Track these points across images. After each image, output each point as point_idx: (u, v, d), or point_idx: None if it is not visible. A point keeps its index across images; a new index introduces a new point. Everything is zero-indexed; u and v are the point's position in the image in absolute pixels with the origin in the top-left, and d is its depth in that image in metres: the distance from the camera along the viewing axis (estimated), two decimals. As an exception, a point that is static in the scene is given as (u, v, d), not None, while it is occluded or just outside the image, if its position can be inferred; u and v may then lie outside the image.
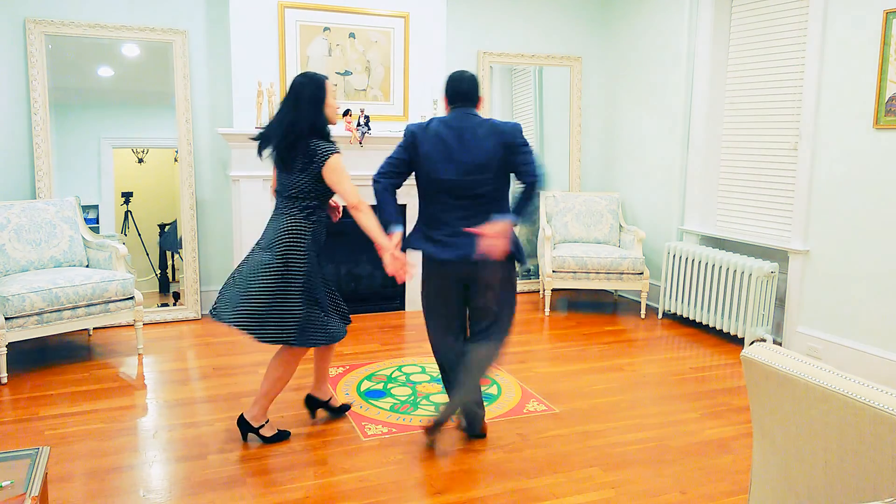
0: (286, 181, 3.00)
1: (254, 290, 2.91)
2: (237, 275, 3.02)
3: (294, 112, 2.92)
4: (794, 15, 4.52)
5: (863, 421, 1.53)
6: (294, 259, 2.96)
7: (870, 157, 3.98)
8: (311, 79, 2.97)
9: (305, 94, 2.92)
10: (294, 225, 2.98)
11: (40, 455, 2.09)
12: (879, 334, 3.97)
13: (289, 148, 2.92)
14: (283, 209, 3.01)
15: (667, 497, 2.76)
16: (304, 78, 2.98)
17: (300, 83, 2.95)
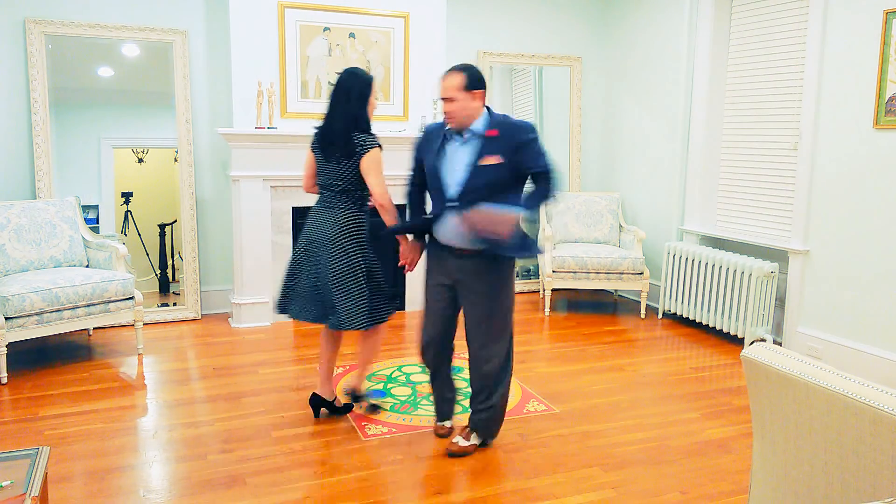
0: (334, 174, 3.15)
1: (355, 290, 3.13)
2: (316, 280, 3.18)
3: (346, 106, 3.09)
4: (794, 15, 4.52)
5: (863, 421, 1.53)
6: (365, 248, 3.19)
7: (870, 157, 3.98)
8: (361, 77, 3.13)
9: (356, 90, 3.09)
10: (353, 217, 3.17)
11: (40, 455, 2.09)
12: (879, 334, 3.97)
13: (343, 141, 3.09)
14: (334, 203, 3.17)
15: (667, 497, 2.76)
16: (354, 77, 3.12)
17: (350, 80, 3.11)
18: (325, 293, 3.16)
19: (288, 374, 4.03)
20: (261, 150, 4.87)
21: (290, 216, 5.06)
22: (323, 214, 3.17)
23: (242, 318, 4.98)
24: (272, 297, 5.07)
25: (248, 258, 4.95)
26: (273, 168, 4.92)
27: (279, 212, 5.02)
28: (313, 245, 3.17)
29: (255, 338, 4.74)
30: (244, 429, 3.29)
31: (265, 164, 4.90)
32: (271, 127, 4.84)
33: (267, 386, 3.85)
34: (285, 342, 4.66)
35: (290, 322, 5.11)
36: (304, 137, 4.92)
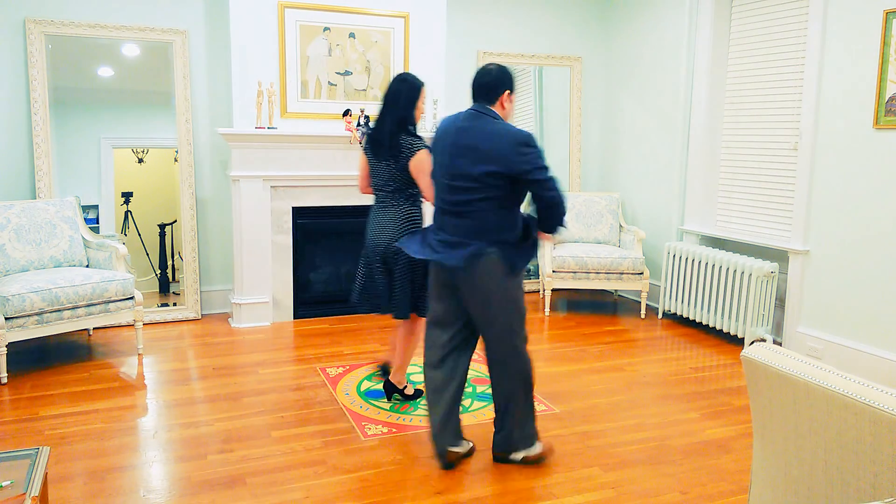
0: (385, 175, 3.37)
1: (418, 280, 3.36)
2: (385, 275, 3.41)
3: (394, 110, 3.28)
4: (794, 15, 4.52)
5: (863, 421, 1.53)
6: None
7: (870, 157, 3.98)
8: (410, 83, 3.31)
9: (404, 95, 3.28)
10: (410, 213, 3.40)
11: (40, 455, 2.09)
12: (879, 334, 3.97)
13: (391, 144, 3.28)
14: (390, 202, 3.40)
15: (667, 497, 2.76)
16: (404, 83, 3.30)
17: (400, 86, 3.30)
18: (388, 286, 3.42)
19: (288, 374, 4.03)
20: (261, 150, 4.87)
21: (290, 216, 5.06)
22: (379, 214, 3.44)
23: (242, 318, 4.98)
24: (271, 297, 5.08)
25: (248, 258, 4.95)
26: (273, 168, 4.92)
27: (279, 212, 5.02)
28: (374, 245, 3.42)
29: (255, 338, 4.74)
30: (244, 429, 3.29)
31: (265, 164, 4.90)
32: (271, 127, 4.84)
33: (267, 386, 3.85)
34: (285, 342, 4.67)
35: (291, 322, 5.11)
36: (304, 137, 4.94)
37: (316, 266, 5.30)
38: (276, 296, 5.09)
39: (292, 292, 5.14)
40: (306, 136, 4.94)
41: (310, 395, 3.71)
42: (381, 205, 3.45)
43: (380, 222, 3.43)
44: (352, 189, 5.18)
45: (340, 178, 5.10)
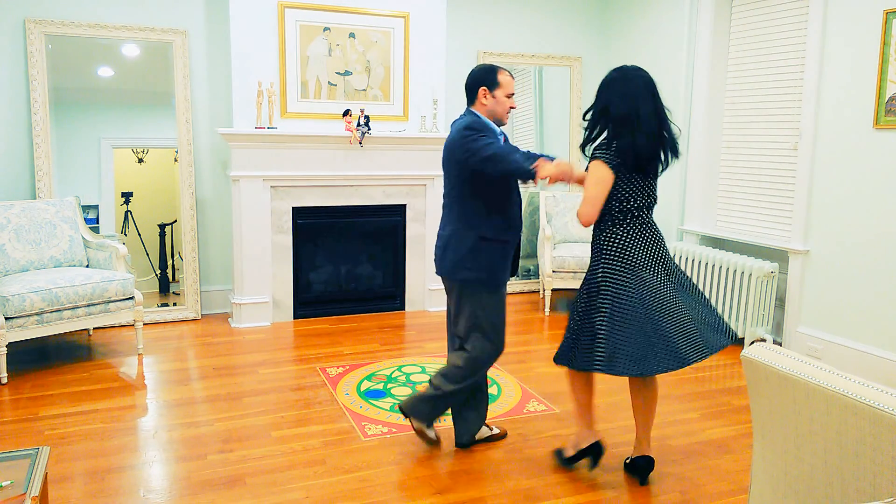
0: (652, 190, 3.07)
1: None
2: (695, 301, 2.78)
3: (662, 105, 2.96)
4: (794, 15, 4.52)
5: (863, 421, 1.53)
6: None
7: (870, 157, 3.98)
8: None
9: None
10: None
11: (40, 455, 2.09)
12: (879, 334, 3.97)
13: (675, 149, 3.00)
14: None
15: (667, 497, 2.76)
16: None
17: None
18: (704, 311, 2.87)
19: (288, 374, 4.03)
20: (261, 150, 4.87)
21: (290, 216, 5.06)
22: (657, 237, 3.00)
23: (242, 318, 4.98)
24: (271, 297, 5.08)
25: (248, 258, 4.95)
26: (273, 168, 4.92)
27: (279, 212, 5.02)
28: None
29: (255, 338, 4.74)
30: (244, 429, 3.29)
31: (265, 164, 4.90)
32: (271, 127, 4.84)
33: (267, 386, 3.85)
34: (285, 342, 4.67)
35: (291, 322, 5.12)
36: (304, 137, 4.94)
37: (316, 266, 5.30)
38: (276, 296, 5.09)
39: (292, 292, 5.14)
40: (306, 136, 4.94)
41: (310, 395, 3.71)
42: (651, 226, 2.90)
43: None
44: (352, 189, 5.19)
45: (340, 178, 5.10)
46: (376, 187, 5.25)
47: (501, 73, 2.96)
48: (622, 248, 2.75)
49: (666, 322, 2.62)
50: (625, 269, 2.70)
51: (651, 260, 2.74)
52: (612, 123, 2.76)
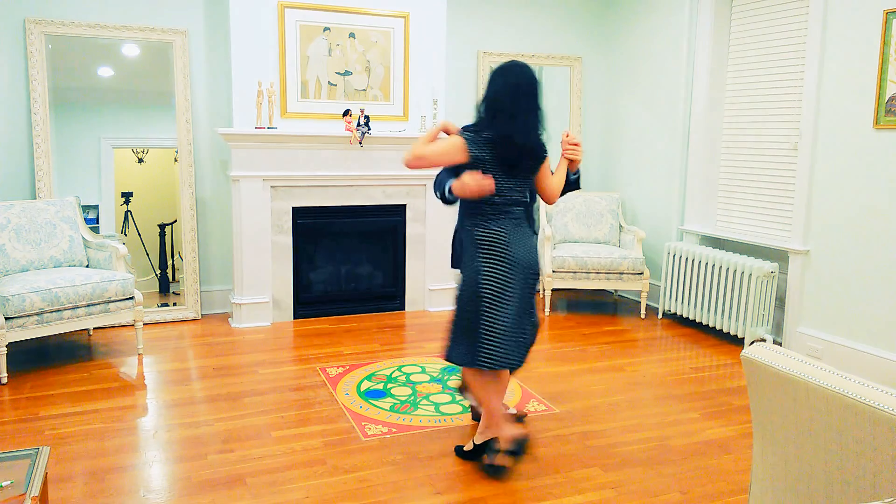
0: (524, 188, 2.98)
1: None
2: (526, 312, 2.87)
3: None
4: (794, 15, 4.52)
5: (863, 421, 1.53)
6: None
7: (870, 157, 3.98)
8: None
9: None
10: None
11: (40, 455, 2.09)
12: (879, 334, 3.97)
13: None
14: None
15: (667, 497, 2.76)
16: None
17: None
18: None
19: (288, 374, 4.03)
20: (261, 150, 4.87)
21: (290, 216, 5.06)
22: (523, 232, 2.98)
23: (242, 318, 4.98)
24: (271, 297, 5.08)
25: (248, 258, 4.95)
26: (273, 168, 4.92)
27: (279, 212, 5.02)
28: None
29: (255, 338, 4.74)
30: (244, 429, 3.29)
31: (265, 164, 4.90)
32: (271, 127, 4.84)
33: (267, 386, 3.85)
34: (285, 342, 4.67)
35: (291, 322, 5.12)
36: (304, 137, 4.94)
37: (316, 266, 5.30)
38: (276, 296, 5.09)
39: (292, 292, 5.14)
40: (306, 136, 4.94)
41: (310, 395, 3.71)
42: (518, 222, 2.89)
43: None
44: (352, 189, 5.19)
45: (340, 178, 5.10)
46: (376, 187, 5.25)
47: None
48: (502, 244, 2.78)
49: (516, 318, 2.80)
50: (511, 267, 2.77)
51: (523, 261, 2.80)
52: (487, 113, 2.77)
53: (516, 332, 2.80)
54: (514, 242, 2.78)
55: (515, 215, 2.82)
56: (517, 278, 2.78)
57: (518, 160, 2.76)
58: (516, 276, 2.77)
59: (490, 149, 2.72)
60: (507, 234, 2.78)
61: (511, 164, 2.75)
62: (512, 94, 2.72)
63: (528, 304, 2.86)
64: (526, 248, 2.82)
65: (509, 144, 2.72)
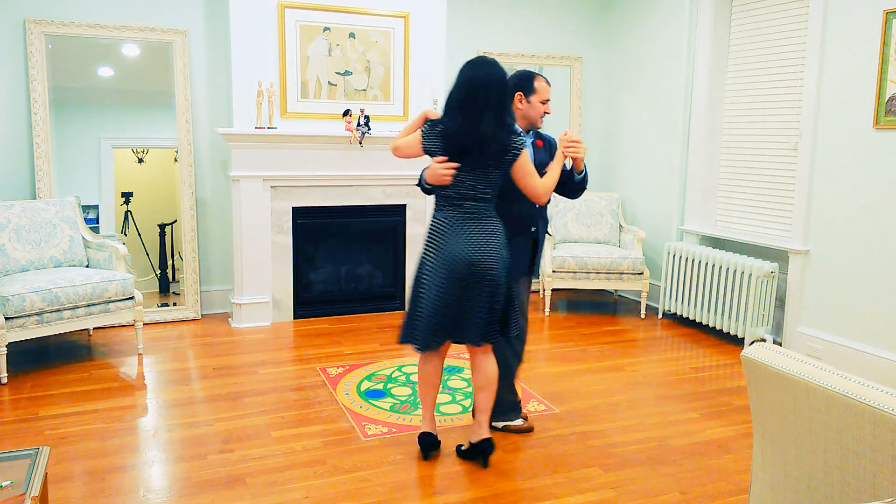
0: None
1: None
2: (473, 300, 2.81)
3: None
4: (794, 15, 4.52)
5: (863, 421, 1.53)
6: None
7: (870, 157, 3.98)
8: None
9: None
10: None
11: (40, 455, 2.09)
12: (879, 334, 3.97)
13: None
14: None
15: (667, 497, 2.76)
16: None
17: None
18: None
19: (288, 374, 4.03)
20: (261, 150, 4.87)
21: (290, 216, 5.06)
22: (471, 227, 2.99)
23: (242, 318, 4.98)
24: (271, 297, 5.08)
25: (248, 258, 4.95)
26: (273, 168, 4.92)
27: (279, 212, 5.02)
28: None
29: (255, 338, 4.74)
30: (244, 429, 3.29)
31: (265, 164, 4.90)
32: (271, 127, 4.84)
33: (267, 386, 3.85)
34: (285, 342, 4.67)
35: (291, 322, 5.12)
36: (304, 137, 4.94)
37: (316, 266, 5.30)
38: (276, 296, 5.09)
39: (292, 292, 5.14)
40: (306, 136, 4.94)
41: (310, 395, 3.71)
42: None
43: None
44: (352, 189, 5.19)
45: (340, 178, 5.10)
46: (376, 187, 5.25)
47: (538, 80, 3.07)
48: (438, 233, 2.83)
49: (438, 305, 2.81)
50: (438, 256, 2.81)
51: (452, 253, 2.79)
52: (444, 107, 2.84)
53: (435, 321, 2.82)
54: (452, 235, 2.79)
55: (467, 209, 2.81)
56: (445, 270, 2.78)
57: (464, 155, 2.75)
58: (445, 268, 2.78)
59: (441, 142, 2.78)
60: (447, 226, 2.81)
61: (459, 158, 2.76)
62: (464, 90, 2.75)
63: (463, 301, 2.79)
64: (468, 244, 2.77)
65: (455, 138, 2.75)
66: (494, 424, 3.26)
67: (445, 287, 2.79)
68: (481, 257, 2.78)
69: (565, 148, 2.97)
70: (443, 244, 2.81)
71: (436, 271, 2.81)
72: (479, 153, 2.75)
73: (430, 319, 2.83)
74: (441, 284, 2.79)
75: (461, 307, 2.81)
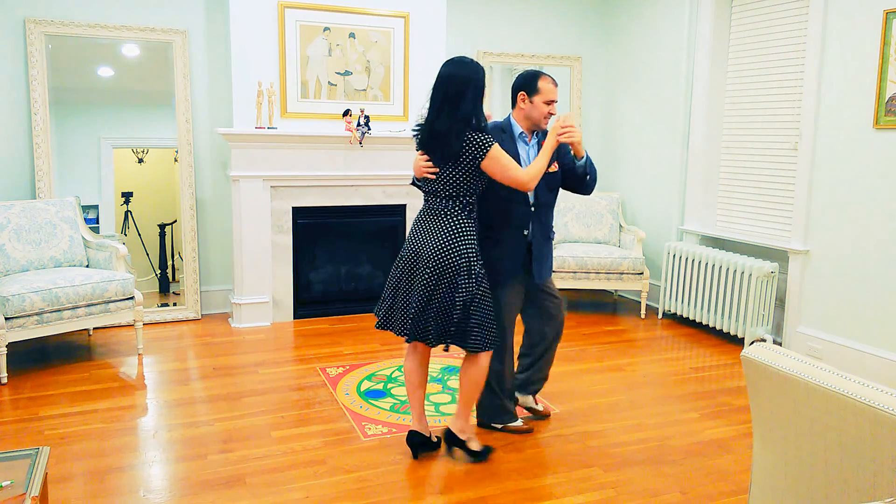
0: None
1: (458, 303, 2.81)
2: (411, 292, 2.85)
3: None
4: (794, 15, 4.52)
5: (863, 421, 1.53)
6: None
7: (870, 157, 3.98)
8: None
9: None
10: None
11: (40, 455, 2.09)
12: (879, 334, 3.97)
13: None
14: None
15: (667, 497, 2.76)
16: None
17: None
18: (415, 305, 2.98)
19: (288, 374, 4.03)
20: (261, 150, 4.87)
21: (290, 216, 5.06)
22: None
23: (242, 318, 4.98)
24: (271, 297, 5.08)
25: (248, 258, 4.95)
26: (273, 168, 4.92)
27: (279, 212, 5.02)
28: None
29: (255, 338, 4.74)
30: (244, 429, 3.29)
31: (265, 164, 4.90)
32: (271, 127, 4.84)
33: (267, 386, 3.85)
34: (285, 342, 4.67)
35: (291, 322, 5.11)
36: (304, 137, 4.94)
37: (316, 266, 5.30)
38: (276, 296, 5.09)
39: (292, 292, 5.14)
40: (306, 136, 4.94)
41: (310, 395, 3.71)
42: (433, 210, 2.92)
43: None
44: (352, 189, 5.19)
45: (340, 178, 5.10)
46: (376, 187, 5.25)
47: (543, 80, 3.04)
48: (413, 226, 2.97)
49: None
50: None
51: (408, 242, 2.92)
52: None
53: (390, 301, 2.95)
54: (414, 228, 2.92)
55: (430, 204, 2.90)
56: (401, 260, 2.93)
57: (427, 151, 2.84)
58: (401, 257, 2.93)
59: (416, 138, 2.92)
60: (416, 220, 2.95)
61: (426, 154, 2.85)
62: (435, 86, 2.82)
63: (399, 288, 2.90)
64: (422, 238, 2.85)
65: (419, 134, 2.88)
66: (494, 425, 3.29)
67: (393, 271, 2.97)
68: (425, 250, 2.82)
69: (559, 136, 2.89)
70: (407, 238, 2.96)
71: (397, 261, 2.98)
72: (437, 150, 2.80)
73: (389, 300, 2.97)
74: (396, 273, 2.95)
75: (397, 294, 2.92)
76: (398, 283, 2.92)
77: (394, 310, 2.93)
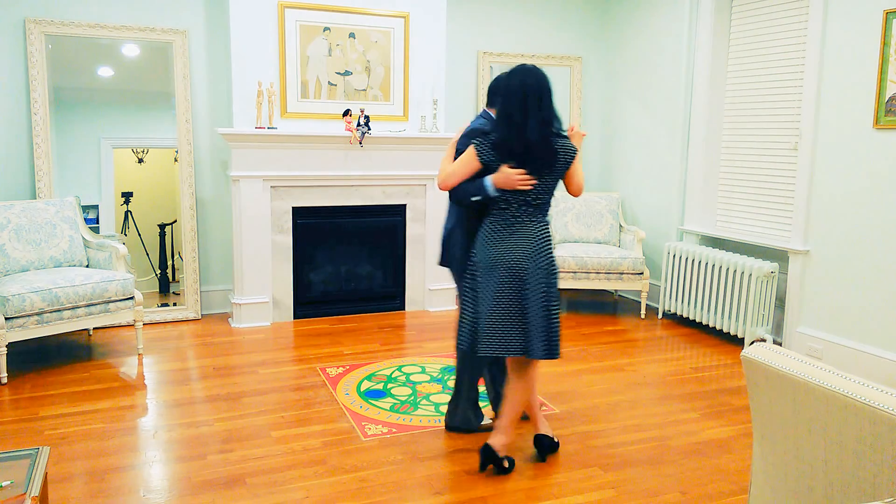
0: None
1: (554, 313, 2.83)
2: (526, 308, 2.77)
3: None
4: (794, 15, 4.52)
5: (863, 421, 1.53)
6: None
7: (870, 157, 3.98)
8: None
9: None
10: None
11: (40, 455, 2.09)
12: (879, 334, 3.97)
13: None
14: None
15: (667, 497, 2.76)
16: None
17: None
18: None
19: (288, 374, 4.03)
20: (261, 150, 4.87)
21: (290, 216, 5.06)
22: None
23: (242, 318, 4.98)
24: (271, 297, 5.08)
25: (248, 258, 4.95)
26: (273, 168, 4.92)
27: (279, 212, 5.02)
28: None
29: (255, 338, 4.74)
30: (244, 429, 3.29)
31: (265, 164, 4.90)
32: (271, 127, 4.84)
33: (267, 386, 3.85)
34: (285, 342, 4.67)
35: (291, 322, 5.11)
36: (304, 137, 4.94)
37: (316, 266, 5.30)
38: (276, 296, 5.09)
39: (292, 292, 5.14)
40: (306, 136, 4.94)
41: (310, 395, 3.71)
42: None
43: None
44: (352, 189, 5.19)
45: (340, 178, 5.10)
46: (376, 187, 5.25)
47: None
48: (482, 239, 2.84)
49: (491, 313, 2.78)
50: (480, 261, 2.82)
51: (501, 258, 2.78)
52: (497, 116, 2.89)
53: (492, 324, 2.77)
54: (501, 244, 2.79)
55: (512, 213, 2.81)
56: (489, 275, 2.79)
57: (523, 162, 2.75)
58: (488, 273, 2.79)
59: (495, 153, 2.79)
60: (493, 231, 2.82)
61: (518, 165, 2.74)
62: (511, 97, 2.79)
63: (511, 300, 2.76)
64: (520, 250, 2.77)
65: (504, 147, 2.77)
66: (470, 428, 3.31)
67: (495, 293, 2.77)
68: (530, 263, 2.76)
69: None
70: (486, 252, 2.80)
71: (481, 279, 2.80)
72: (534, 160, 2.76)
73: (490, 323, 2.77)
74: (489, 290, 2.77)
75: (510, 317, 2.77)
76: (509, 306, 2.76)
77: (505, 331, 2.77)
